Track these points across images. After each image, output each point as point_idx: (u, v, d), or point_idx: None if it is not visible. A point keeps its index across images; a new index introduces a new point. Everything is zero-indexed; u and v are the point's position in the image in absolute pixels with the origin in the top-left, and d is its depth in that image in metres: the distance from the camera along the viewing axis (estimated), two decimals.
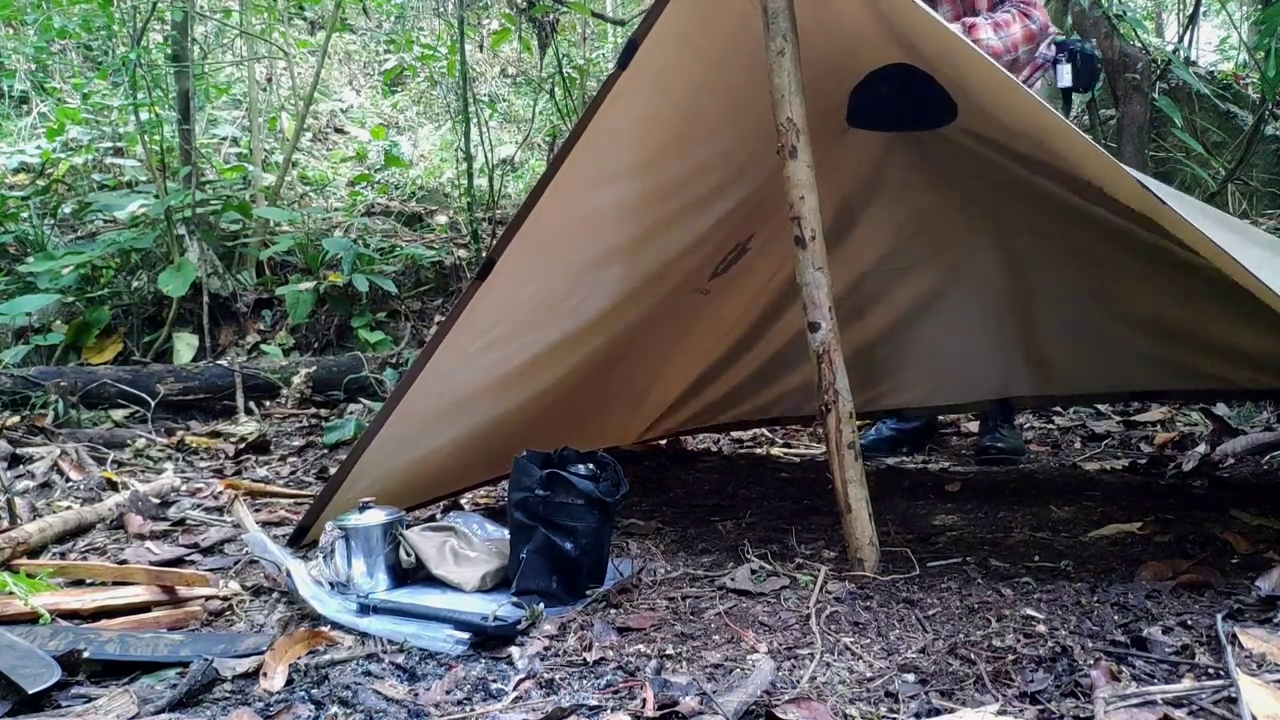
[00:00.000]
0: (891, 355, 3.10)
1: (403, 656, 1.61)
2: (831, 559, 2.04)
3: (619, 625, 1.70)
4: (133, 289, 4.88)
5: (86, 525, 2.50)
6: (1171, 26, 7.40)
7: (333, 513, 2.12)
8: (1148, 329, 2.67)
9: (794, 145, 1.91)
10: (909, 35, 1.92)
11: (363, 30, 8.50)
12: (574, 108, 5.58)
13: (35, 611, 1.75)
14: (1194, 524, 2.20)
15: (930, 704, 1.34)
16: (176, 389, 4.16)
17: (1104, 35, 4.24)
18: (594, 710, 1.37)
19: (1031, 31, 2.79)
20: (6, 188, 5.42)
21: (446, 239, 5.51)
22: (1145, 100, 4.34)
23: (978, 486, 2.85)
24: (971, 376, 3.01)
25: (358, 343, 4.78)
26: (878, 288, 3.03)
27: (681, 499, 2.81)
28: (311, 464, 3.36)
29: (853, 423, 1.95)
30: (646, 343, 2.84)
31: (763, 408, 3.35)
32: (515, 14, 6.01)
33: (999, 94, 1.94)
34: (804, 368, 3.10)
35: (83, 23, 6.05)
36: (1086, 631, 1.55)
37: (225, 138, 6.27)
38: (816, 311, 1.93)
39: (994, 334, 2.93)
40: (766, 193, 2.44)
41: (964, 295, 2.95)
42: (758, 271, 2.95)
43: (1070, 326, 2.80)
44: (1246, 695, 1.24)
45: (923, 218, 2.89)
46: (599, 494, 1.87)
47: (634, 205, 2.28)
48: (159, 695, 1.49)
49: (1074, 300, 2.74)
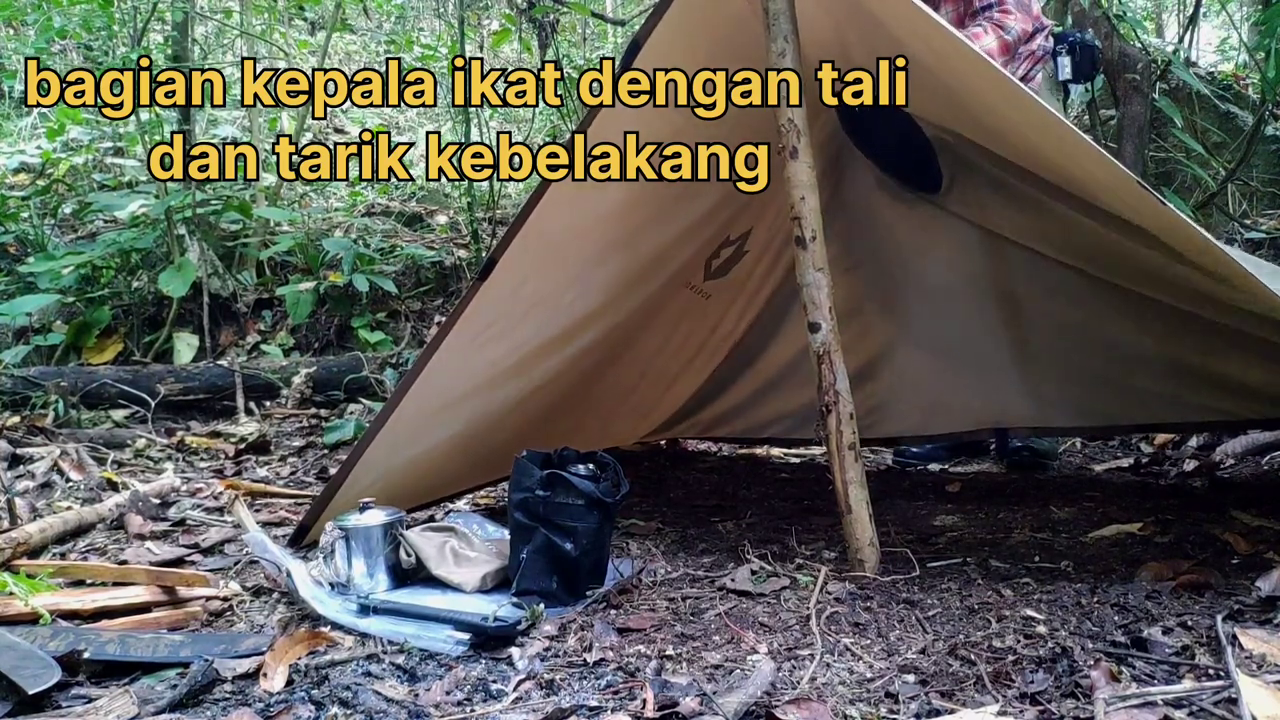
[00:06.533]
0: (882, 385, 3.07)
1: (403, 657, 1.61)
2: (832, 559, 2.04)
3: (619, 626, 1.70)
4: (133, 289, 4.88)
5: (86, 525, 2.50)
6: (1171, 27, 7.41)
7: (333, 513, 2.12)
8: (1150, 369, 2.63)
9: (794, 146, 1.91)
10: (906, 39, 1.92)
11: (363, 30, 8.50)
12: (574, 108, 5.58)
13: (35, 612, 1.75)
14: (1194, 524, 2.20)
15: (930, 704, 1.34)
16: (177, 389, 4.16)
17: (1104, 35, 4.23)
18: (594, 711, 1.37)
19: (1007, 42, 2.76)
20: (6, 188, 5.42)
21: (447, 239, 5.51)
22: (1145, 101, 4.34)
23: (978, 487, 2.85)
24: (970, 407, 3.00)
25: (358, 343, 4.78)
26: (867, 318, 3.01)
27: (681, 499, 2.81)
28: (311, 464, 3.36)
29: (853, 424, 1.95)
30: (643, 340, 2.85)
31: (757, 427, 3.36)
32: (515, 14, 6.01)
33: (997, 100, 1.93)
34: (798, 393, 3.10)
35: (83, 23, 6.05)
36: (1086, 632, 1.55)
37: (225, 138, 6.27)
38: (817, 312, 1.93)
39: (992, 370, 2.89)
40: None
41: (956, 330, 2.89)
42: (755, 273, 2.96)
43: (1069, 366, 2.77)
44: (1247, 696, 1.24)
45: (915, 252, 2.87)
46: (599, 494, 1.87)
47: (632, 201, 2.28)
48: (159, 696, 1.49)
49: (1072, 341, 2.71)
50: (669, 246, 2.55)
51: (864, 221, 2.85)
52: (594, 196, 2.21)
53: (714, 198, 2.48)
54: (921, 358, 2.98)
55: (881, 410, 3.06)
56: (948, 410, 3.03)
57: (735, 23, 2.05)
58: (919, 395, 3.03)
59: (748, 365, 3.22)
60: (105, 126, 5.95)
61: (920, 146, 2.52)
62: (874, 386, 2.99)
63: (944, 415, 3.04)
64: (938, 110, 2.33)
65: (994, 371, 2.88)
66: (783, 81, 1.90)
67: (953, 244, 2.76)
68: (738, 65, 2.05)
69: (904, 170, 2.69)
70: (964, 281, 2.80)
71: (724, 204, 2.53)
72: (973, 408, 2.99)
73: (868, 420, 2.95)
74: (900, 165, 2.68)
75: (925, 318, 2.93)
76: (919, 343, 2.97)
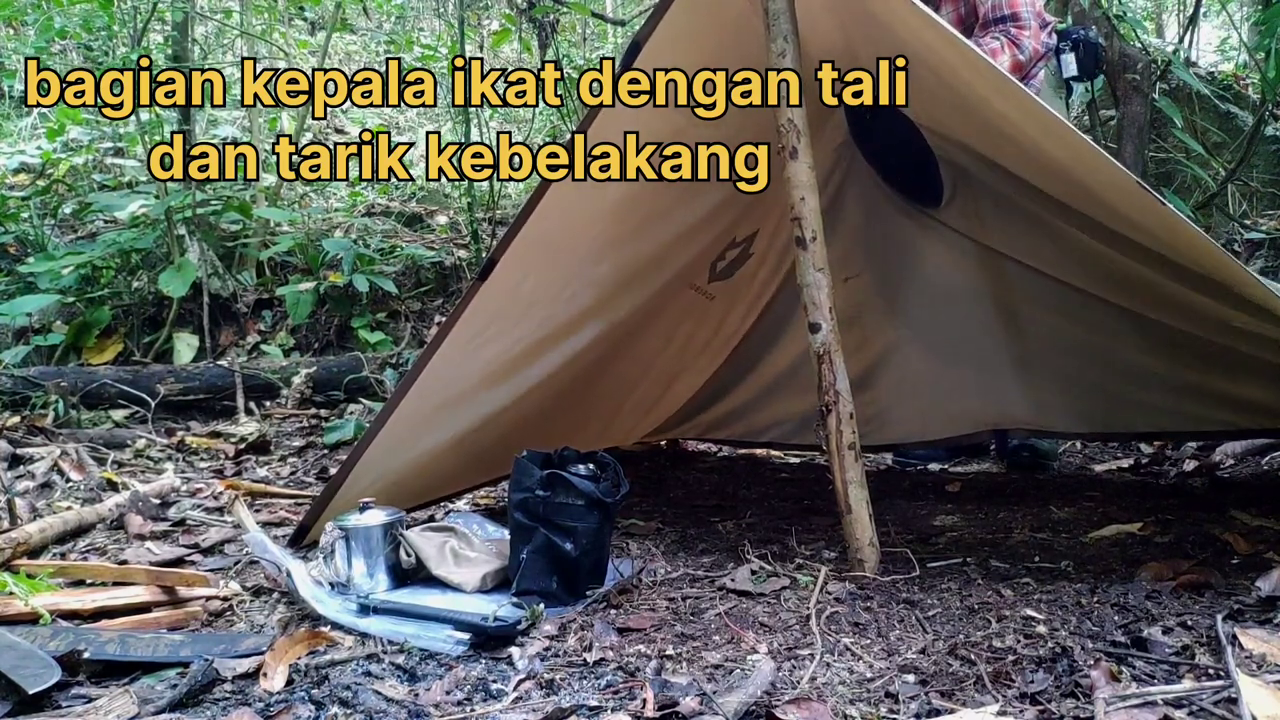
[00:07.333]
0: (881, 392, 3.06)
1: (403, 657, 1.61)
2: (832, 559, 2.04)
3: (619, 626, 1.70)
4: (133, 289, 4.88)
5: (87, 525, 2.50)
6: (1171, 27, 7.40)
7: (333, 513, 2.12)
8: (1149, 383, 2.63)
9: (794, 146, 1.91)
10: (908, 39, 1.92)
11: (363, 31, 8.50)
12: (574, 108, 5.58)
13: (35, 612, 1.76)
14: (1194, 524, 2.20)
15: (930, 704, 1.34)
16: (177, 389, 4.16)
17: (1104, 36, 4.23)
18: (594, 710, 1.37)
19: (1020, 62, 2.75)
20: (7, 188, 5.42)
21: (447, 239, 5.51)
22: (1145, 101, 4.33)
23: (978, 487, 2.85)
24: (969, 410, 2.99)
25: (358, 343, 4.78)
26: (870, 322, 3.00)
27: (681, 499, 2.81)
28: (311, 464, 3.36)
29: (853, 424, 1.95)
30: (645, 340, 2.85)
31: (756, 431, 3.36)
32: (515, 14, 6.01)
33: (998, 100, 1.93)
34: (798, 398, 3.09)
35: (83, 23, 6.05)
36: (1086, 632, 1.55)
37: (225, 138, 6.27)
38: (817, 313, 1.93)
39: (991, 374, 2.88)
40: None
41: (956, 335, 2.89)
42: (759, 276, 2.96)
43: (1067, 377, 2.76)
44: (1247, 696, 1.24)
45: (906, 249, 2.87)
46: (599, 494, 1.87)
47: (631, 200, 2.28)
48: (159, 695, 1.49)
49: (1071, 354, 2.70)
50: (671, 246, 2.55)
51: (865, 232, 2.84)
52: (595, 197, 2.21)
53: (718, 198, 2.48)
54: (920, 364, 2.98)
55: (880, 418, 3.05)
56: (947, 415, 3.02)
57: (736, 23, 2.05)
58: (918, 401, 3.03)
59: (750, 369, 3.22)
60: (105, 126, 5.95)
61: (923, 156, 2.52)
62: (873, 395, 2.98)
63: (943, 420, 3.04)
64: (941, 115, 2.32)
65: (993, 376, 2.88)
66: (783, 81, 1.90)
67: (952, 257, 2.76)
68: (738, 65, 2.05)
69: (907, 180, 2.68)
70: (963, 291, 2.81)
71: (728, 205, 2.53)
72: (972, 411, 2.98)
73: (867, 428, 2.92)
74: (904, 175, 2.67)
75: (924, 324, 2.93)
76: (918, 349, 2.97)
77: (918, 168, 2.58)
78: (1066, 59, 2.91)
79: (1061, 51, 2.91)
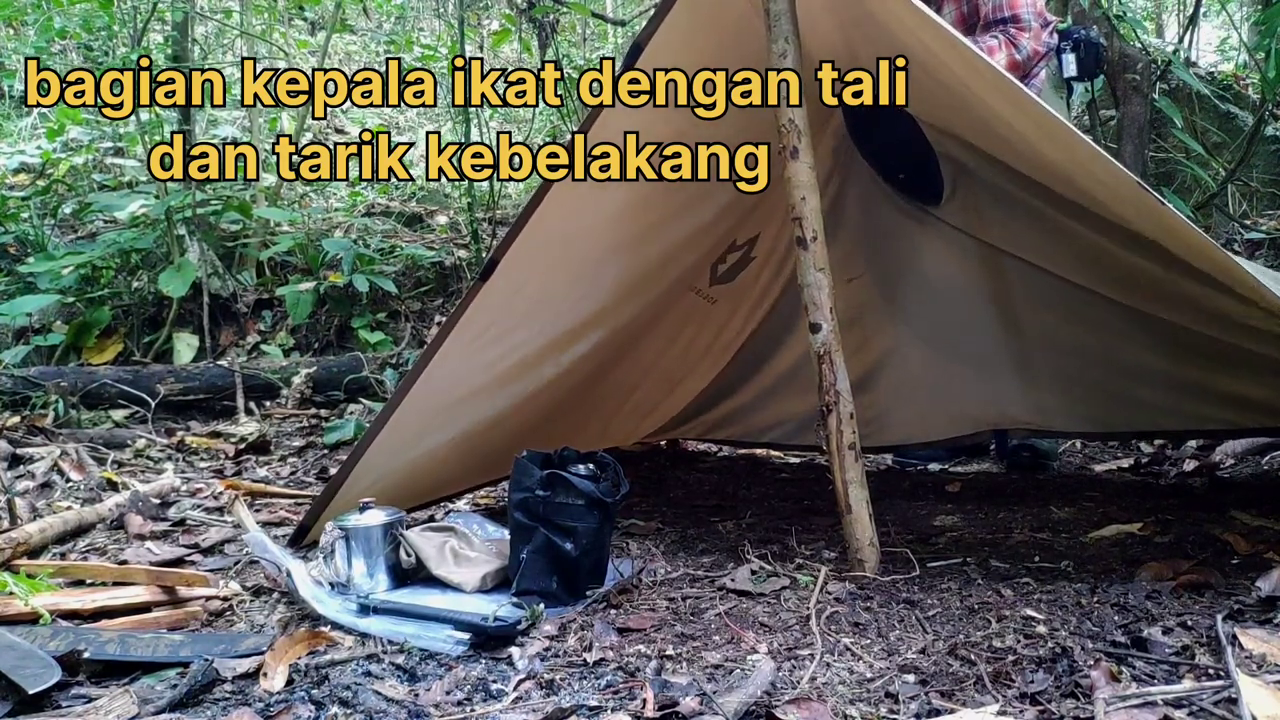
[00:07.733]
0: (881, 394, 3.06)
1: (403, 657, 1.61)
2: (832, 559, 2.04)
3: (619, 626, 1.70)
4: (133, 289, 4.88)
5: (87, 525, 2.50)
6: (1171, 27, 7.40)
7: (333, 513, 2.12)
8: (1151, 381, 2.62)
9: (795, 146, 1.91)
10: (908, 40, 1.92)
11: (363, 31, 8.50)
12: (574, 108, 5.58)
13: (35, 612, 1.76)
14: (1194, 524, 2.20)
15: (930, 704, 1.34)
16: (177, 389, 4.16)
17: (1104, 36, 4.23)
18: (594, 710, 1.37)
19: (1016, 61, 2.75)
20: (6, 188, 5.42)
21: (447, 239, 5.51)
22: (1145, 101, 4.34)
23: (978, 487, 2.85)
24: (969, 411, 2.99)
25: (358, 343, 4.78)
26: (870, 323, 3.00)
27: (681, 499, 2.81)
28: (311, 464, 3.37)
29: (853, 424, 1.95)
30: (646, 343, 2.84)
31: (756, 431, 3.36)
32: (515, 14, 6.01)
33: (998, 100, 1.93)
34: (798, 399, 3.09)
35: (83, 23, 6.06)
36: (1086, 632, 1.55)
37: (225, 138, 6.27)
38: (818, 313, 1.93)
39: (991, 374, 2.87)
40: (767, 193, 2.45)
41: (956, 336, 2.89)
42: (761, 279, 2.96)
43: (1068, 376, 2.76)
44: (1247, 696, 1.24)
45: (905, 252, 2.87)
46: (599, 494, 1.87)
47: (635, 203, 2.28)
48: (159, 695, 1.49)
49: (1072, 352, 2.70)
50: (673, 249, 2.54)
51: (865, 233, 2.84)
52: (596, 198, 2.21)
53: (720, 201, 2.48)
54: (920, 365, 2.98)
55: (881, 420, 3.05)
56: (947, 416, 3.02)
57: (737, 24, 2.05)
58: (918, 403, 3.02)
59: (752, 371, 3.21)
60: (105, 126, 5.95)
61: (923, 153, 2.52)
62: (873, 397, 2.98)
63: (943, 421, 3.04)
64: (941, 113, 2.33)
65: (993, 375, 2.87)
66: (783, 82, 1.90)
67: (953, 256, 2.76)
68: (738, 66, 2.05)
69: (907, 178, 2.68)
70: (964, 290, 2.80)
71: (730, 208, 2.53)
72: (972, 411, 2.98)
73: (867, 430, 2.92)
74: (903, 172, 2.67)
75: (924, 324, 2.93)
76: (918, 350, 2.97)
77: (917, 165, 2.58)
78: (1067, 59, 2.91)
79: (1062, 51, 2.91)
